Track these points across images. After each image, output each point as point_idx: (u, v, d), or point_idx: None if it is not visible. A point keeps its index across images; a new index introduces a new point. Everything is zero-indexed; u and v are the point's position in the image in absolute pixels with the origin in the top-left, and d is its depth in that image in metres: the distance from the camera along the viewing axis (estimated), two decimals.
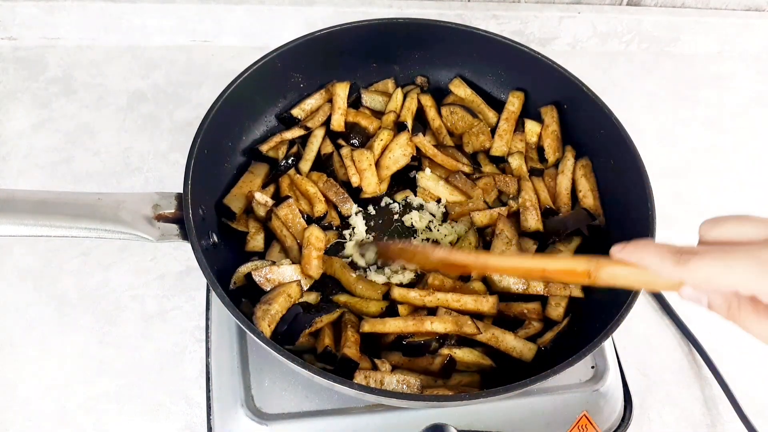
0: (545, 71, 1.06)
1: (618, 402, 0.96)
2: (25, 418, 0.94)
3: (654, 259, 0.56)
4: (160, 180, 1.19)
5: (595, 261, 0.62)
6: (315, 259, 0.94)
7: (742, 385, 1.04)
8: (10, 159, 1.19)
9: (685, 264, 0.53)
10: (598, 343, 0.78)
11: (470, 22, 1.38)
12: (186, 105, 1.31)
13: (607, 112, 0.99)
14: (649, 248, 0.57)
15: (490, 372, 0.89)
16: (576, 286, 0.95)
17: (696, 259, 0.53)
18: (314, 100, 1.11)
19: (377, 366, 0.84)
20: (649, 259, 0.56)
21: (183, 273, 1.08)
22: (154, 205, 0.83)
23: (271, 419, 0.85)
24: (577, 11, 1.46)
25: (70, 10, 1.32)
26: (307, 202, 1.02)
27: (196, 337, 1.02)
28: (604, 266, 0.61)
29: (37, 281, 1.06)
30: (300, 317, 0.87)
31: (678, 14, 1.50)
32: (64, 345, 1.00)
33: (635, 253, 0.58)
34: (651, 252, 0.56)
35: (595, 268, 0.61)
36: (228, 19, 1.37)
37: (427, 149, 1.07)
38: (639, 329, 1.11)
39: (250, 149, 1.06)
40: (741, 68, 1.56)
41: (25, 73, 1.32)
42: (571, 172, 1.06)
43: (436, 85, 1.17)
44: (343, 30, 1.05)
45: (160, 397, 0.97)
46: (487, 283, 0.97)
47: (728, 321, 0.57)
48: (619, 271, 0.60)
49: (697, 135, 1.42)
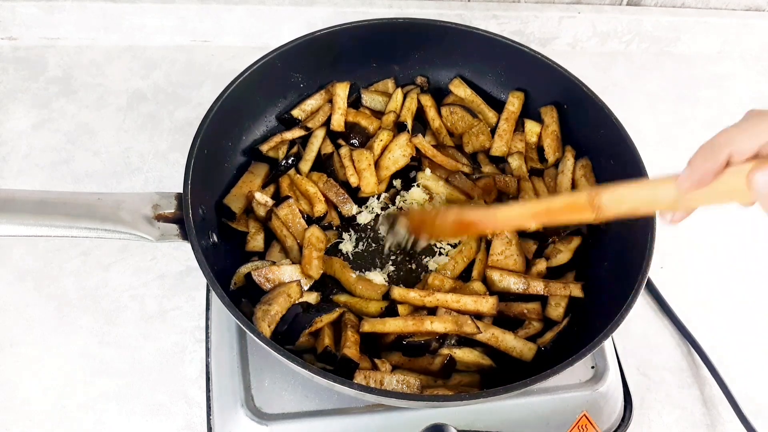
0: (545, 71, 1.06)
1: (618, 402, 0.97)
2: (25, 418, 0.94)
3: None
4: (160, 180, 1.19)
5: (594, 189, 0.62)
6: (315, 260, 0.94)
7: (741, 385, 1.04)
8: (10, 159, 1.19)
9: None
10: (598, 343, 0.78)
11: (470, 22, 1.38)
12: (186, 105, 1.31)
13: (607, 112, 0.99)
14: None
15: (490, 372, 0.89)
16: (576, 286, 0.95)
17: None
18: (314, 101, 1.11)
19: (377, 366, 0.84)
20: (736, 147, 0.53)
21: (183, 273, 1.08)
22: (154, 205, 0.83)
23: (271, 419, 0.85)
24: (577, 11, 1.46)
25: (70, 10, 1.32)
26: (307, 202, 1.02)
27: (196, 337, 1.02)
28: (605, 191, 0.61)
29: (37, 281, 1.06)
30: (300, 317, 0.87)
31: (678, 14, 1.50)
32: (64, 345, 1.00)
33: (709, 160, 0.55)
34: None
35: (596, 194, 0.61)
36: (228, 19, 1.37)
37: (427, 150, 1.07)
38: (639, 329, 1.11)
39: (250, 149, 1.06)
40: (741, 68, 1.56)
41: (25, 73, 1.32)
42: (571, 172, 1.06)
43: (436, 85, 1.17)
44: (343, 30, 1.05)
45: (160, 397, 0.97)
46: (486, 284, 0.97)
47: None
48: (620, 192, 0.60)
49: (697, 135, 1.41)
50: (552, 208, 0.67)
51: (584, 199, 0.63)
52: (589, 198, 0.62)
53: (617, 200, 0.61)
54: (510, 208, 0.75)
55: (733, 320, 1.14)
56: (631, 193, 0.60)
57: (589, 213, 0.63)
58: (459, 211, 0.78)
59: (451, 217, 0.78)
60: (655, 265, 0.88)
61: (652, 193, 0.59)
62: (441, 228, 0.81)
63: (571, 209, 0.65)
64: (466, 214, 0.77)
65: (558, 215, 0.68)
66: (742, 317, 1.14)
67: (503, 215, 0.75)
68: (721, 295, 1.16)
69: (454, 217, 0.78)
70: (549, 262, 0.99)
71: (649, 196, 0.60)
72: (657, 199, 0.60)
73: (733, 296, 1.16)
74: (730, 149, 0.54)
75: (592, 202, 0.62)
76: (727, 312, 1.15)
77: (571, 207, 0.65)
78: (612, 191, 0.61)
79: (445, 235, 0.91)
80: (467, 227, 0.78)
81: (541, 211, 0.69)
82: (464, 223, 0.77)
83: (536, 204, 0.72)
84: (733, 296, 1.16)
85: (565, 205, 0.66)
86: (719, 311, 1.15)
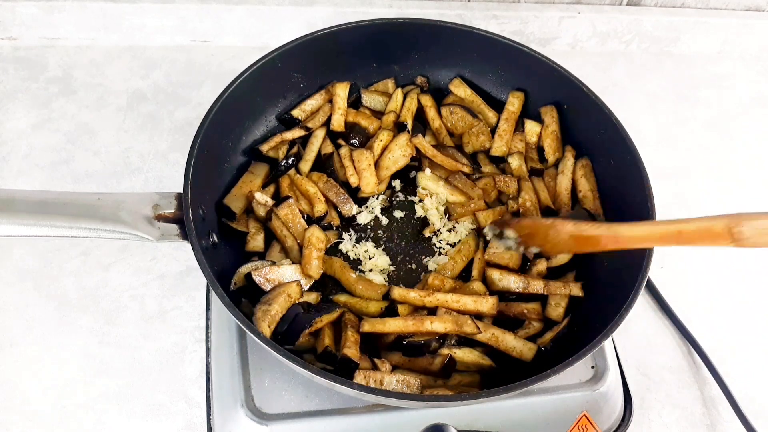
0: (545, 71, 1.06)
1: (618, 402, 0.97)
2: (25, 418, 0.94)
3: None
4: (160, 180, 1.19)
5: (736, 217, 0.57)
6: (315, 260, 0.94)
7: (741, 385, 1.04)
8: (10, 159, 1.19)
9: None
10: (598, 343, 0.77)
11: (470, 22, 1.39)
12: (186, 105, 1.31)
13: (607, 112, 0.99)
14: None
15: (490, 372, 0.89)
16: (576, 285, 0.95)
17: None
18: (314, 101, 1.11)
19: (377, 366, 0.84)
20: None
21: (183, 273, 1.08)
22: (154, 205, 0.83)
23: (271, 419, 0.85)
24: (577, 11, 1.46)
25: (70, 10, 1.32)
26: (308, 202, 1.02)
27: (196, 337, 1.02)
28: (747, 220, 0.56)
29: (37, 281, 1.06)
30: (300, 317, 0.87)
31: (678, 14, 1.50)
32: (64, 345, 1.00)
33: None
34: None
35: (737, 223, 0.56)
36: (228, 19, 1.37)
37: (427, 150, 1.07)
38: (639, 329, 1.11)
39: (251, 149, 1.06)
40: (741, 68, 1.56)
41: (25, 73, 1.32)
42: (571, 172, 1.06)
43: (436, 85, 1.17)
44: (343, 30, 1.05)
45: (160, 397, 0.97)
46: (486, 283, 0.97)
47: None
48: (766, 223, 0.55)
49: (697, 135, 1.42)
50: (684, 231, 0.62)
51: (722, 227, 0.59)
52: (727, 226, 0.58)
53: (763, 231, 0.56)
54: (636, 227, 0.71)
55: (733, 320, 1.14)
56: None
57: (727, 241, 0.59)
58: (576, 225, 0.74)
59: (567, 231, 0.74)
60: (655, 265, 0.88)
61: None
62: (554, 241, 0.77)
63: (705, 235, 0.61)
64: (584, 229, 0.73)
65: (690, 239, 0.63)
66: (742, 317, 1.14)
67: (627, 233, 0.70)
68: (721, 295, 1.16)
69: (571, 231, 0.74)
70: (549, 262, 0.99)
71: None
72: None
73: (733, 296, 1.16)
74: None
75: (731, 230, 0.58)
76: (727, 312, 1.15)
77: (706, 233, 0.60)
78: (756, 221, 0.56)
79: (558, 248, 0.85)
80: (584, 243, 0.74)
81: (672, 234, 0.64)
82: (582, 238, 0.73)
83: (667, 225, 0.66)
84: (733, 296, 1.16)
85: (700, 229, 0.61)
86: (719, 311, 1.15)
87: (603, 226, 0.72)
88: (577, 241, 0.75)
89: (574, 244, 0.78)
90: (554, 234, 0.76)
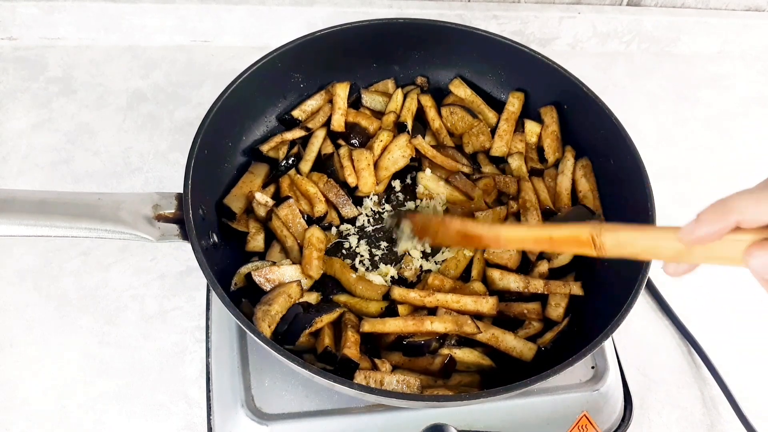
0: (545, 71, 1.06)
1: (618, 402, 0.97)
2: (25, 418, 0.94)
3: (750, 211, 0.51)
4: (160, 180, 1.19)
5: (599, 226, 0.60)
6: (315, 260, 0.94)
7: (741, 385, 1.04)
8: (10, 159, 1.19)
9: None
10: (598, 343, 0.78)
11: (470, 22, 1.39)
12: (186, 105, 1.31)
13: (607, 112, 0.99)
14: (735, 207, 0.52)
15: (490, 372, 0.89)
16: (576, 284, 0.95)
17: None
18: (315, 101, 1.11)
19: (377, 366, 0.84)
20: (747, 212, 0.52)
21: (183, 273, 1.08)
22: (154, 205, 0.83)
23: (271, 419, 0.85)
24: (577, 11, 1.46)
25: (70, 10, 1.32)
26: (308, 202, 1.02)
27: (196, 337, 1.02)
28: (608, 231, 0.60)
29: (37, 281, 1.06)
30: (300, 317, 0.87)
31: (678, 14, 1.50)
32: (64, 345, 1.00)
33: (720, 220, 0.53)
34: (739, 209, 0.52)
35: (598, 234, 0.60)
36: (228, 19, 1.37)
37: (427, 150, 1.07)
38: (639, 329, 1.11)
39: (251, 149, 1.06)
40: (741, 68, 1.56)
41: (25, 73, 1.32)
42: (571, 173, 1.06)
43: (436, 85, 1.17)
44: (343, 30, 1.05)
45: (160, 397, 0.97)
46: (486, 283, 0.97)
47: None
48: (624, 236, 0.59)
49: (697, 135, 1.42)
50: (555, 237, 0.66)
51: (587, 235, 0.62)
52: (591, 235, 0.61)
53: (619, 243, 0.60)
54: (515, 229, 0.75)
55: (733, 320, 1.14)
56: (635, 238, 0.59)
57: (591, 250, 0.62)
58: (463, 223, 0.78)
59: (455, 228, 0.78)
60: (656, 265, 0.88)
61: (655, 242, 0.58)
62: (443, 236, 0.80)
63: (573, 242, 0.64)
64: (470, 227, 0.76)
65: (560, 245, 0.67)
66: (742, 317, 1.14)
67: (507, 235, 0.74)
68: (721, 295, 1.16)
69: (458, 228, 0.77)
70: (550, 263, 0.99)
71: (653, 244, 0.58)
72: (659, 249, 0.58)
73: (733, 296, 1.16)
74: (741, 217, 0.52)
75: (594, 240, 0.61)
76: (727, 312, 1.15)
77: (573, 240, 0.64)
78: (615, 233, 0.60)
79: (446, 243, 0.91)
80: (469, 240, 0.78)
81: (544, 238, 0.68)
82: (467, 235, 0.77)
83: (540, 230, 0.71)
84: (733, 296, 1.16)
85: (568, 236, 0.64)
86: (719, 311, 1.15)
87: (486, 226, 0.76)
88: (463, 238, 0.79)
89: (460, 241, 0.82)
90: (443, 229, 0.80)
